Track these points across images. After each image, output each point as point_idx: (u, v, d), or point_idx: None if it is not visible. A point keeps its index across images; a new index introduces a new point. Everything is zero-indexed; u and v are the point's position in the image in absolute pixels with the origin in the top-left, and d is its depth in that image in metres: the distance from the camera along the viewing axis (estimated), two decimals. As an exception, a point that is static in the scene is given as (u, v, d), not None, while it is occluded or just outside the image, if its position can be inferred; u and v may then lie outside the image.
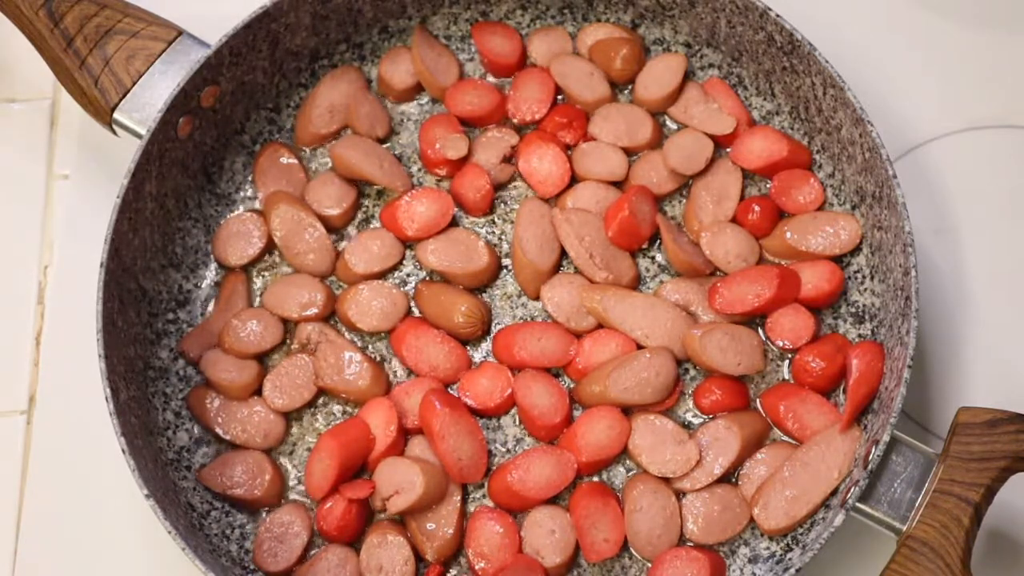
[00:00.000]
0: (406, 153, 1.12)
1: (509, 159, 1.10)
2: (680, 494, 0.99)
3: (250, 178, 1.11)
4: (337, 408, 1.04)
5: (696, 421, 1.02)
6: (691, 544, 0.98)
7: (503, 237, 1.09)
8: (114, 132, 1.06)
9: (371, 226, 1.09)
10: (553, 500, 0.99)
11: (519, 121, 1.12)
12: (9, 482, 1.07)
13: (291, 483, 1.02)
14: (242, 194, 1.11)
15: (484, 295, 1.07)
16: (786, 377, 1.04)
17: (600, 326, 1.04)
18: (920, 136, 1.17)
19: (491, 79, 1.14)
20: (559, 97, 1.13)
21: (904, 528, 0.92)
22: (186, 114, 1.04)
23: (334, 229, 1.09)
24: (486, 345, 1.05)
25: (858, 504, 0.93)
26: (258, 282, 1.08)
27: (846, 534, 1.01)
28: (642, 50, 1.12)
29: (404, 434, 1.01)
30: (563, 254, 1.07)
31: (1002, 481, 0.92)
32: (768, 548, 0.99)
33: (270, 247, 1.08)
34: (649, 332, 1.02)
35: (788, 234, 1.05)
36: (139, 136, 1.02)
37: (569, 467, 0.99)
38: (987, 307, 1.11)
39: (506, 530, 0.98)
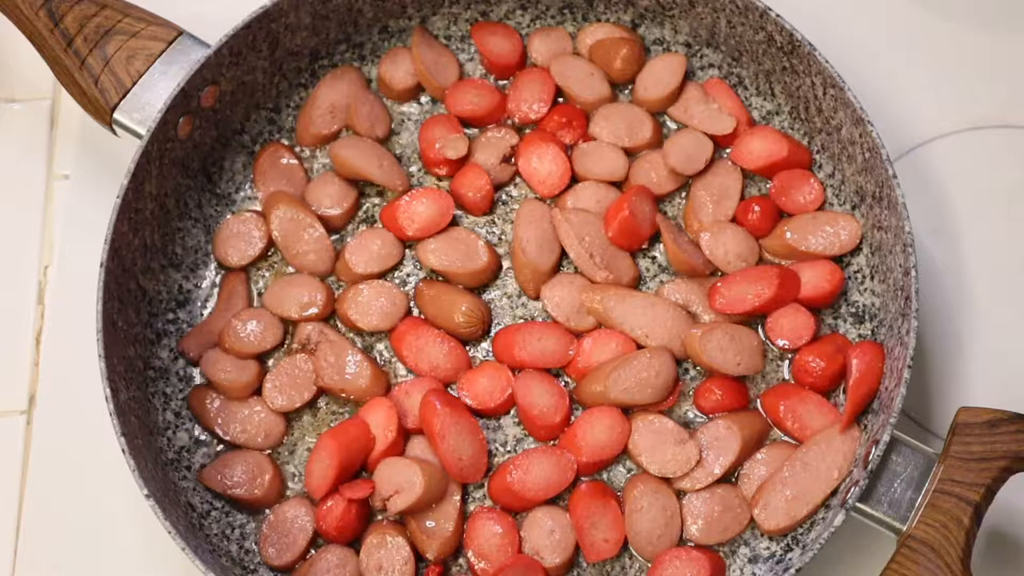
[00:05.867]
0: (406, 153, 1.12)
1: (509, 159, 1.10)
2: (680, 494, 0.99)
3: (250, 178, 1.11)
4: (337, 408, 1.04)
5: (696, 421, 1.02)
6: (691, 544, 0.98)
7: (503, 237, 1.09)
8: (114, 132, 1.06)
9: (371, 226, 1.09)
10: (553, 500, 0.99)
11: (519, 121, 1.12)
12: (9, 482, 1.07)
13: (291, 483, 1.02)
14: (242, 194, 1.11)
15: (484, 295, 1.07)
16: (786, 377, 1.04)
17: (600, 326, 1.04)
18: (920, 136, 1.17)
19: (491, 79, 1.14)
20: (559, 97, 1.13)
21: (904, 528, 0.92)
22: (186, 114, 1.04)
23: (334, 229, 1.09)
24: (486, 345, 1.05)
25: (858, 504, 0.93)
26: (258, 282, 1.08)
27: (846, 534, 1.01)
28: (642, 50, 1.12)
29: (404, 434, 1.01)
30: (563, 254, 1.07)
31: (1002, 481, 0.92)
32: (768, 548, 0.99)
33: (270, 247, 1.08)
34: (649, 332, 1.02)
35: (788, 234, 1.05)
36: (139, 136, 1.02)
37: (569, 467, 0.99)
38: (987, 307, 1.11)
39: (506, 530, 0.98)
